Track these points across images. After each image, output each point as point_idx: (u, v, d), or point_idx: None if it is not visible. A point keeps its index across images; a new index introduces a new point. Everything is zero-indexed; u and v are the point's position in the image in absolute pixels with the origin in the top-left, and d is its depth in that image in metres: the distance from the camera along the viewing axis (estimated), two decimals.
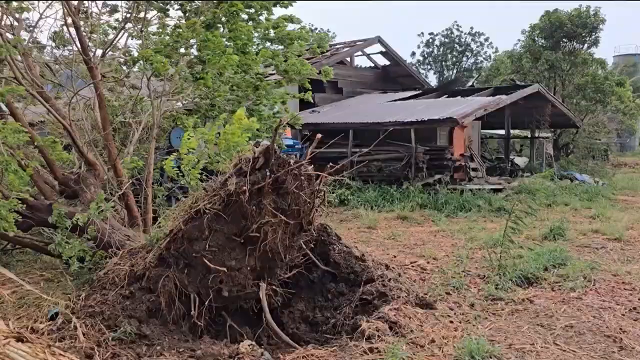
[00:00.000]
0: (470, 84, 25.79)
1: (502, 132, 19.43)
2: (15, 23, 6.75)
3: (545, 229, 8.81)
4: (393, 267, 5.99)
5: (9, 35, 6.48)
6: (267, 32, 8.17)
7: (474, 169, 14.68)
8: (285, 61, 8.36)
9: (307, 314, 4.98)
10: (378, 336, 4.22)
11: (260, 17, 7.89)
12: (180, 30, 6.34)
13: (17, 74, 5.60)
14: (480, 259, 7.00)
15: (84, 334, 4.02)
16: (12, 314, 4.71)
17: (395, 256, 7.41)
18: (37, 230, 6.88)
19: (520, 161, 19.74)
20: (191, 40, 6.95)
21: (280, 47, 8.69)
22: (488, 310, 5.09)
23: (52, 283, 5.67)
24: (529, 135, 19.80)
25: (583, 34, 21.29)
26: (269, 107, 8.90)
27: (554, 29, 21.43)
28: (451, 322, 4.68)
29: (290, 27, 8.54)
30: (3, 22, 5.88)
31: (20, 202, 6.04)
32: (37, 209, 6.31)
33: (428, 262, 7.00)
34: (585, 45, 21.93)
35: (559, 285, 5.83)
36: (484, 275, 6.18)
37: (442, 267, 6.66)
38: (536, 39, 22.26)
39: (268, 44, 8.85)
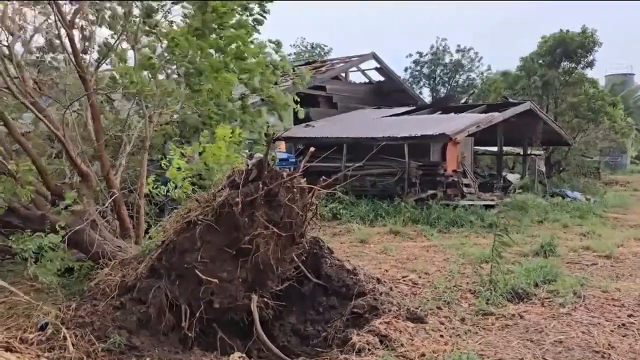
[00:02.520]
0: (463, 100, 26.06)
1: (494, 148, 19.58)
2: (10, 37, 6.78)
3: (536, 245, 8.86)
4: (385, 281, 6.01)
5: (4, 49, 6.52)
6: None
7: (467, 185, 14.76)
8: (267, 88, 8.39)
9: (298, 327, 4.98)
10: (369, 349, 4.23)
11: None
12: (174, 38, 6.38)
13: (11, 85, 5.61)
14: (472, 274, 7.03)
15: (73, 345, 3.99)
16: (1, 323, 4.67)
17: (387, 270, 7.43)
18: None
19: (513, 178, 19.86)
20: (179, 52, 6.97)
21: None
22: (478, 325, 5.11)
23: (42, 293, 5.62)
24: (522, 153, 19.96)
25: (579, 55, 21.68)
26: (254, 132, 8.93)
27: (554, 47, 21.81)
28: (442, 336, 4.70)
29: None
30: None
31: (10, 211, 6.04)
32: (29, 219, 6.30)
33: (420, 277, 7.02)
34: (580, 66, 22.31)
35: (549, 301, 5.86)
36: (475, 290, 6.20)
37: (433, 281, 6.68)
38: (535, 60, 22.65)
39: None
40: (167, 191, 5.19)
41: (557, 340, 4.72)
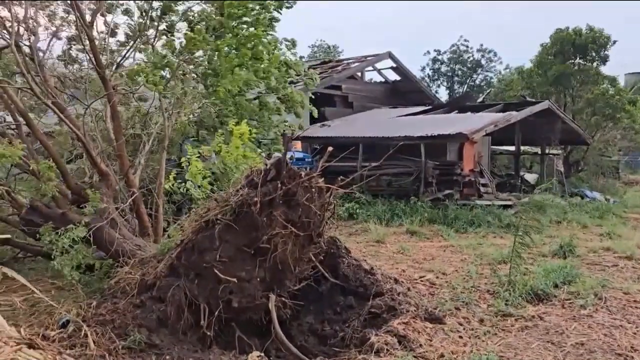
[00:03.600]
0: (480, 99, 25.83)
1: (512, 148, 19.38)
2: (32, 37, 6.89)
3: (555, 246, 8.75)
4: (402, 281, 5.98)
5: (26, 48, 6.62)
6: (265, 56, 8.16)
7: (484, 185, 14.62)
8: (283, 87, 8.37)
9: (316, 326, 4.98)
10: (387, 350, 4.21)
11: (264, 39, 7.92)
12: (192, 37, 6.40)
13: (33, 86, 5.70)
14: (490, 274, 6.96)
15: (94, 342, 4.04)
16: (23, 320, 4.76)
17: (404, 270, 7.39)
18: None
19: (530, 178, 19.65)
20: (198, 53, 7.00)
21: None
22: (498, 326, 5.06)
23: (64, 291, 5.72)
24: (539, 152, 19.72)
25: (593, 51, 21.35)
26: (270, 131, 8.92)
27: (564, 44, 21.52)
28: (460, 337, 4.66)
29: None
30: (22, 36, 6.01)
31: (32, 209, 6.14)
32: (50, 218, 6.38)
33: (437, 277, 6.97)
34: (595, 64, 21.97)
35: (570, 303, 5.78)
36: (494, 291, 6.14)
37: (451, 282, 6.63)
38: (547, 55, 22.33)
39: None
40: (187, 190, 5.22)
41: (579, 343, 4.66)
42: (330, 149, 4.80)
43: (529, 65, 24.07)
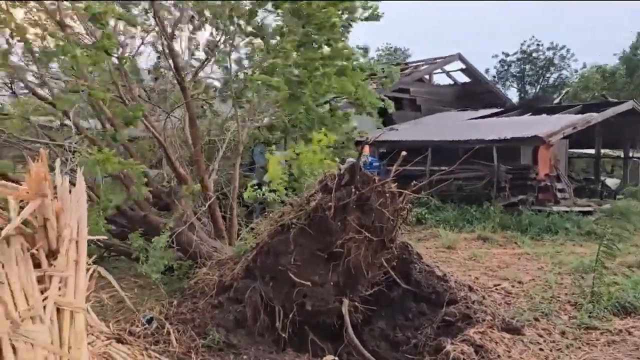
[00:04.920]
0: (556, 100, 24.67)
1: (591, 151, 18.37)
2: (120, 49, 7.32)
3: None
4: (476, 289, 5.83)
5: (115, 60, 7.04)
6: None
7: (561, 190, 13.94)
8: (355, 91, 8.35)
9: (388, 332, 4.94)
10: (463, 359, 4.11)
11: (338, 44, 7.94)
12: (285, 46, 6.54)
13: (122, 94, 6.06)
14: (570, 284, 6.63)
15: (176, 339, 4.23)
16: (111, 316, 5.05)
17: (477, 278, 7.19)
18: None
19: (612, 182, 18.52)
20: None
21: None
22: (581, 340, 4.80)
23: (146, 290, 6.02)
24: (622, 155, 18.56)
25: None
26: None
27: None
28: (541, 349, 4.47)
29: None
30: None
31: (117, 212, 6.51)
32: (133, 220, 6.76)
33: (513, 286, 6.72)
34: None
35: None
36: (575, 302, 5.84)
37: (528, 291, 6.37)
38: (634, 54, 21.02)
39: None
40: (263, 194, 5.36)
41: None
42: (403, 153, 4.77)
43: (610, 64, 22.80)
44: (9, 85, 8.04)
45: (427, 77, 21.09)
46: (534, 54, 40.65)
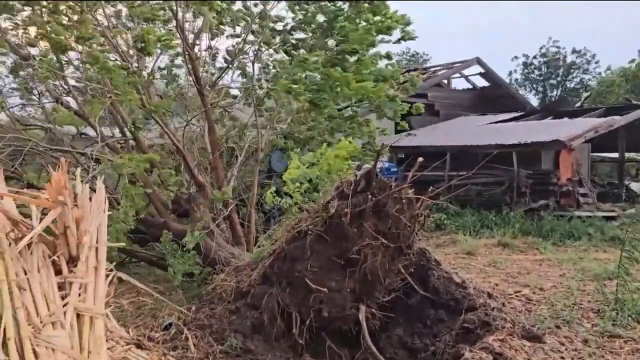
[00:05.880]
0: (578, 104, 24.31)
1: (615, 155, 18.02)
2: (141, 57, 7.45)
3: None
4: (496, 296, 5.74)
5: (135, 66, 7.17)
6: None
7: (583, 195, 13.72)
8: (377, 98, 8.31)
9: (406, 339, 4.90)
10: None
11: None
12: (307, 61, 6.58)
13: (145, 101, 6.16)
14: (593, 291, 6.50)
15: (194, 345, 4.27)
16: (130, 322, 5.12)
17: (497, 284, 7.10)
18: (151, 245, 7.45)
19: (636, 187, 18.13)
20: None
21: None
22: (604, 348, 4.70)
23: (165, 295, 6.07)
24: None
25: None
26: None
27: None
28: (562, 358, 4.39)
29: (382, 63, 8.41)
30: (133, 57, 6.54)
31: (136, 220, 6.60)
32: (153, 226, 6.86)
33: (534, 293, 6.62)
34: None
35: None
36: (598, 310, 5.72)
37: (549, 298, 6.26)
38: None
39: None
40: (280, 200, 5.39)
41: None
42: (420, 159, 4.75)
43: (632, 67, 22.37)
44: (36, 95, 8.26)
45: (445, 81, 20.98)
46: (555, 57, 40.09)
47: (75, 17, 6.47)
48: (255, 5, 7.50)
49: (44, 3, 6.44)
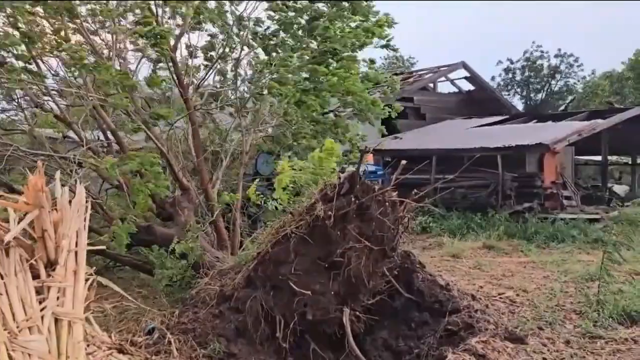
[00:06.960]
0: (562, 107, 24.61)
1: (598, 158, 18.27)
2: (122, 61, 7.40)
3: None
4: (480, 298, 5.79)
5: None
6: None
7: (567, 197, 13.86)
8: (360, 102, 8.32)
9: (390, 342, 4.91)
10: None
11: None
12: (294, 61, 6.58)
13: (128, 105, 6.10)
14: (576, 293, 6.57)
15: (177, 350, 4.23)
16: (113, 326, 5.06)
17: (481, 287, 7.14)
18: (135, 250, 7.37)
19: (620, 189, 18.38)
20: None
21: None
22: (586, 349, 4.75)
23: (149, 300, 6.03)
24: (630, 162, 18.44)
25: None
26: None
27: None
28: (544, 359, 4.43)
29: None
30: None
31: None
32: (138, 229, 6.78)
33: (517, 295, 6.66)
34: None
35: None
36: (580, 311, 5.78)
37: (532, 300, 6.31)
38: None
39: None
40: (264, 202, 5.38)
41: None
42: (403, 162, 4.77)
43: (617, 70, 22.71)
44: (16, 99, 8.13)
45: (431, 85, 21.12)
46: (539, 61, 40.47)
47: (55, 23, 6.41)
48: (236, 7, 7.48)
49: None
